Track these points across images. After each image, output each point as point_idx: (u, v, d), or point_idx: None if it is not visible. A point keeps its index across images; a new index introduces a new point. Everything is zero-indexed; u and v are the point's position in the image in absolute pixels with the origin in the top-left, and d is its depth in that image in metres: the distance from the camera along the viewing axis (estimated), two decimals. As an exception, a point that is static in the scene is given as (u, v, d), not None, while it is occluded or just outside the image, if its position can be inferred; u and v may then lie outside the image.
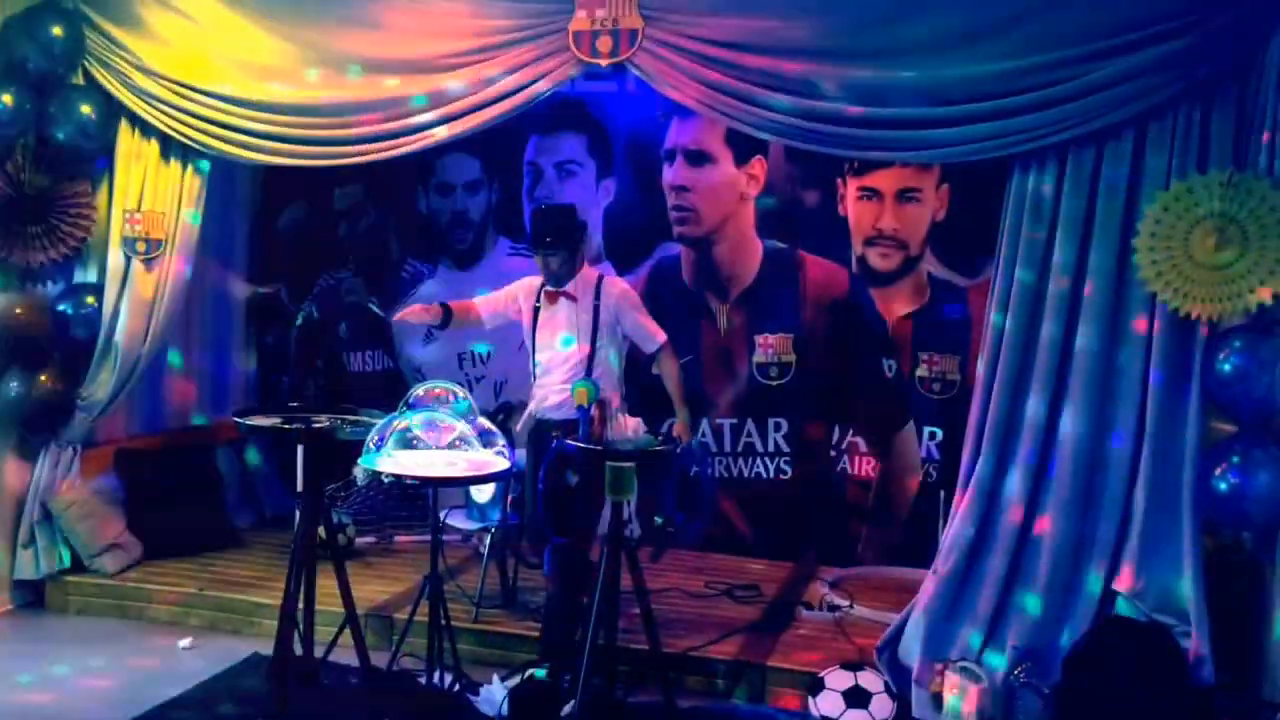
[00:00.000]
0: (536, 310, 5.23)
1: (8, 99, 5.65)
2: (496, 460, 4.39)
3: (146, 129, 5.86)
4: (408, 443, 4.40)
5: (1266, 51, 4.30)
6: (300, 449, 5.59)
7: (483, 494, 5.82)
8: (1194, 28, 4.38)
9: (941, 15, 4.67)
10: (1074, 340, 4.64)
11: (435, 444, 4.38)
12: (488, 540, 5.79)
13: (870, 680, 4.71)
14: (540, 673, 4.82)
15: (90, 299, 5.96)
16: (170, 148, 5.87)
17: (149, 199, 5.91)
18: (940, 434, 6.45)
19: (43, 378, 5.87)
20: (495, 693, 4.80)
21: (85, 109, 5.81)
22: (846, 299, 6.58)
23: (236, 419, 4.75)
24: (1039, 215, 4.67)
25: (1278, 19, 4.29)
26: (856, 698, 4.66)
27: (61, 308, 5.96)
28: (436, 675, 4.52)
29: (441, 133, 5.37)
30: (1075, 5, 4.52)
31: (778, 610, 5.80)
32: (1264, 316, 4.25)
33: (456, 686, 4.72)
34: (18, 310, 5.85)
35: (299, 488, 4.61)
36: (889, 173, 6.35)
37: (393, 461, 4.30)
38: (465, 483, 4.73)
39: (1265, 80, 4.30)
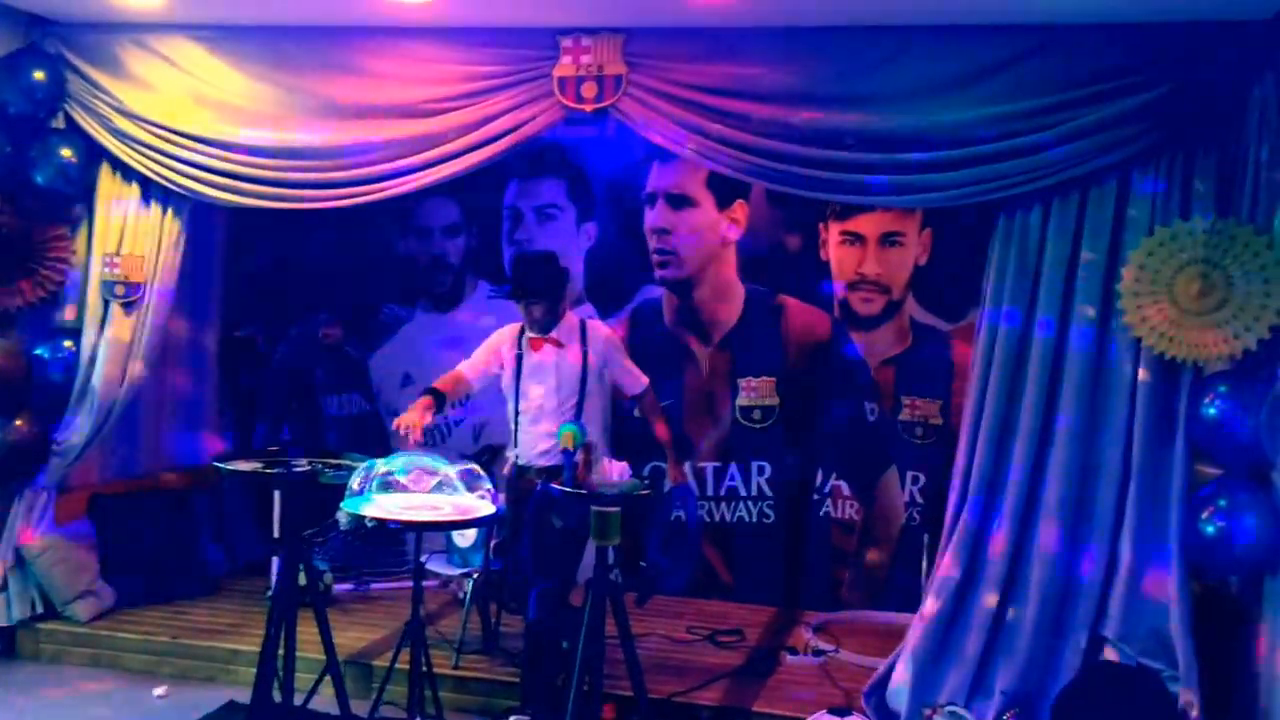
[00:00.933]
0: (519, 358, 5.15)
1: (-12, 142, 5.64)
2: (481, 505, 4.35)
3: (128, 172, 5.84)
4: (389, 487, 4.35)
5: (1248, 101, 4.38)
6: (277, 495, 5.54)
7: (465, 539, 5.77)
8: (1174, 77, 4.46)
9: (928, 61, 4.76)
10: (1059, 384, 4.67)
11: (419, 488, 4.34)
12: (468, 585, 5.72)
13: (858, 726, 4.67)
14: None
15: (67, 343, 5.91)
16: (151, 191, 5.84)
17: (129, 242, 5.88)
18: (923, 478, 6.45)
19: (18, 422, 5.79)
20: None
21: (65, 153, 5.80)
22: (829, 343, 6.60)
23: (217, 464, 4.68)
24: (1024, 261, 4.72)
25: (1258, 69, 4.37)
26: (844, 743, 4.62)
27: (38, 351, 5.89)
28: (418, 723, 4.45)
29: (425, 177, 5.37)
30: (1058, 53, 4.62)
31: (762, 655, 5.76)
32: (1248, 361, 4.30)
33: (439, 735, 4.64)
34: (-7, 354, 5.78)
35: (275, 534, 4.55)
36: (871, 217, 6.39)
37: (377, 506, 4.25)
38: (451, 527, 4.68)
39: (1247, 128, 4.38)
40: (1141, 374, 4.55)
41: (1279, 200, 4.16)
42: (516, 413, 5.15)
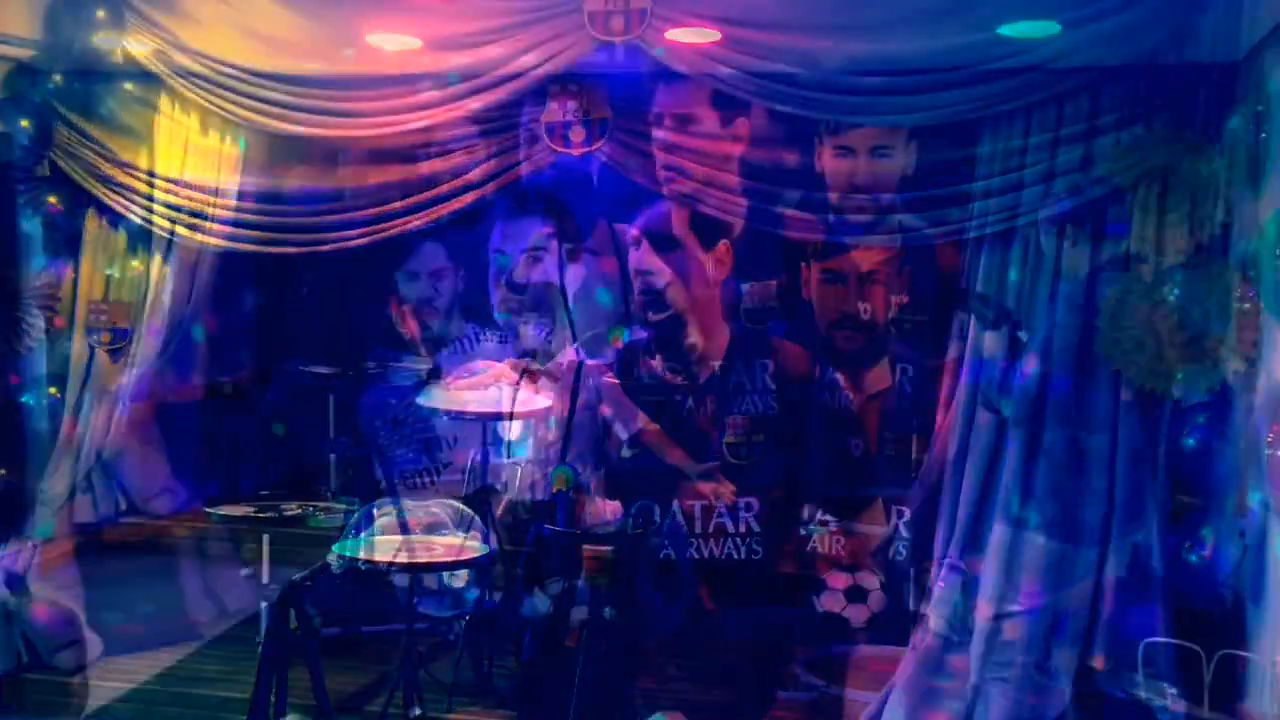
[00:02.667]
0: (515, 389, 5.23)
1: (-28, 191, 5.65)
2: (474, 545, 4.37)
3: (114, 219, 5.85)
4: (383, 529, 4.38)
5: (1220, 140, 4.49)
6: (265, 539, 5.53)
7: (457, 580, 5.76)
8: (1148, 117, 4.57)
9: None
10: (1043, 418, 4.74)
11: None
12: (460, 627, 5.70)
13: (851, 761, 4.68)
14: None
15: (53, 390, 5.89)
16: (138, 238, 5.86)
17: (115, 290, 5.89)
18: (908, 512, 6.49)
19: (2, 470, 5.76)
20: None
21: (52, 200, 5.81)
22: (813, 380, 6.65)
23: (206, 509, 4.69)
24: (1004, 297, 4.79)
25: (1229, 109, 4.49)
26: (838, 779, 4.62)
27: (23, 399, 5.88)
28: (412, 768, 4.44)
29: (414, 221, 5.45)
30: (1034, 95, 4.70)
31: (754, 692, 5.75)
32: (1226, 392, 4.38)
33: (432, 780, 4.63)
34: (-23, 402, 5.77)
35: (265, 579, 4.55)
36: (852, 256, 6.46)
37: (368, 548, 4.27)
38: (445, 568, 4.70)
39: (1219, 167, 4.48)
40: (1121, 407, 4.63)
41: (1252, 236, 4.26)
42: (508, 447, 5.21)
